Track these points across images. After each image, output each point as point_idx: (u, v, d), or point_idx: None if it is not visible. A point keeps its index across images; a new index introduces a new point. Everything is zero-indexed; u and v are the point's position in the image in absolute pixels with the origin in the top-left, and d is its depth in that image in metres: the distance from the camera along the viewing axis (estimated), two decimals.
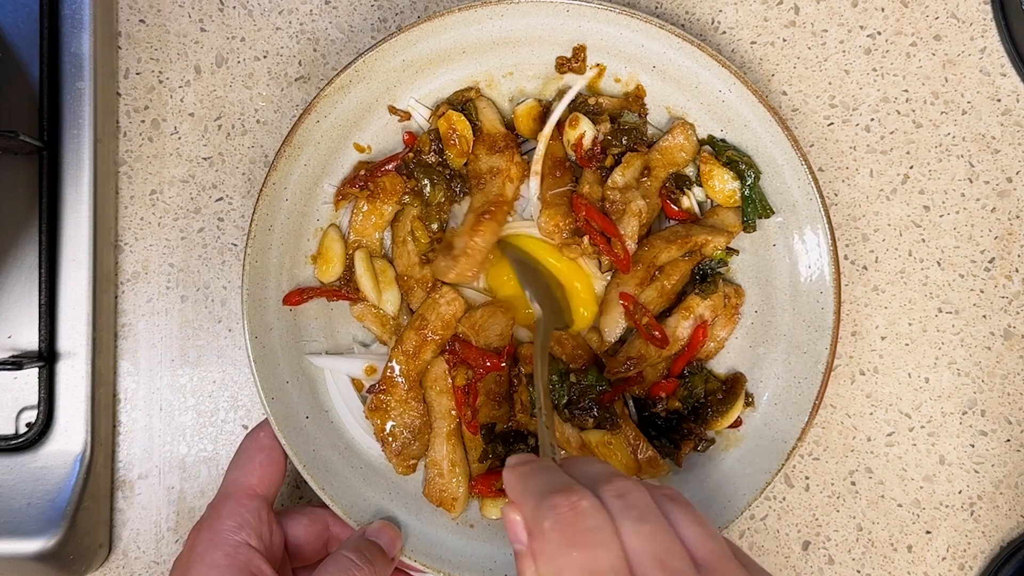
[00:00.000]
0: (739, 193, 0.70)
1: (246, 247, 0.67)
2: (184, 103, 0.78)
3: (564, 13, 0.68)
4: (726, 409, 0.71)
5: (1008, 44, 0.76)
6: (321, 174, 0.71)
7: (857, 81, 0.77)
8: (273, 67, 0.78)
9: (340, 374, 0.72)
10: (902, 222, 0.77)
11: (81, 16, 0.74)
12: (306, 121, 0.68)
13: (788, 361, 0.71)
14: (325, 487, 0.68)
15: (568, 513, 0.48)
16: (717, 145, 0.71)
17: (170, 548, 0.77)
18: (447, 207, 0.72)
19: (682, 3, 0.78)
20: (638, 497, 0.49)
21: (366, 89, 0.70)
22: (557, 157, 0.72)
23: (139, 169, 0.77)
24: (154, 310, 0.77)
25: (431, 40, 0.69)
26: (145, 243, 0.77)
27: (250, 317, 0.67)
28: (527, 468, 0.54)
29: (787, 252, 0.71)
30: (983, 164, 0.77)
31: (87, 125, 0.73)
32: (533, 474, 0.53)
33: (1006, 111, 0.77)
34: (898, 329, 0.77)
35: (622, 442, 0.70)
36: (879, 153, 0.77)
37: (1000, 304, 0.77)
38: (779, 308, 0.71)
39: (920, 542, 0.76)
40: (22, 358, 0.71)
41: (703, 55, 0.67)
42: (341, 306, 0.73)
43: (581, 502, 0.48)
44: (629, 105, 0.72)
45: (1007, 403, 0.77)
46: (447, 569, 0.69)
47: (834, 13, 0.77)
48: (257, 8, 0.78)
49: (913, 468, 0.77)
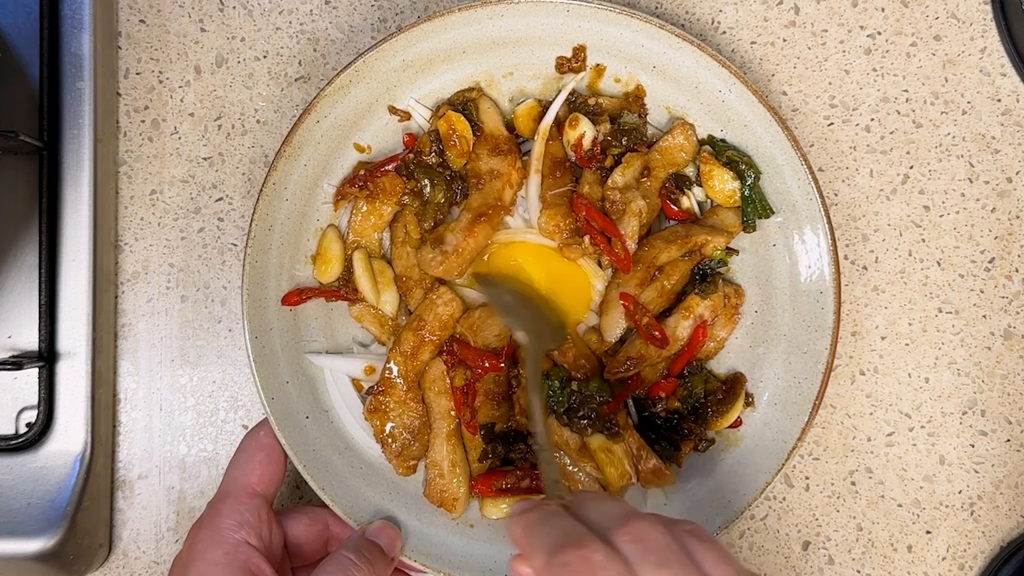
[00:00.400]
0: (739, 193, 0.70)
1: (246, 247, 0.67)
2: (184, 103, 0.78)
3: (564, 13, 0.68)
4: (726, 409, 0.71)
5: (1008, 44, 0.76)
6: (321, 174, 0.71)
7: (857, 81, 0.77)
8: (273, 67, 0.78)
9: (340, 374, 0.72)
10: (902, 222, 0.77)
11: (81, 16, 0.74)
12: (306, 121, 0.68)
13: (788, 361, 0.71)
14: (325, 487, 0.68)
15: (582, 569, 0.45)
16: (717, 145, 0.71)
17: (170, 548, 0.77)
18: (446, 208, 0.72)
19: (682, 3, 0.78)
20: (656, 539, 0.46)
21: (366, 89, 0.70)
22: (557, 157, 0.72)
23: (139, 169, 0.77)
24: (154, 310, 0.77)
25: (431, 40, 0.69)
26: (145, 243, 0.77)
27: (250, 317, 0.67)
28: (533, 517, 0.51)
29: (787, 252, 0.71)
30: (983, 164, 0.77)
31: (87, 125, 0.73)
32: (540, 524, 0.50)
33: (1006, 111, 0.77)
34: (898, 329, 0.77)
35: (622, 450, 0.70)
36: (879, 153, 0.77)
37: (1000, 304, 0.77)
38: (779, 308, 0.71)
39: (920, 542, 0.76)
40: (22, 358, 0.71)
41: (703, 55, 0.67)
42: (341, 306, 0.73)
43: (594, 556, 0.45)
44: (629, 105, 0.72)
45: (1007, 403, 0.77)
46: (447, 569, 0.69)
47: (834, 13, 0.77)
48: (257, 8, 0.78)
49: (913, 468, 0.77)
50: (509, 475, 0.71)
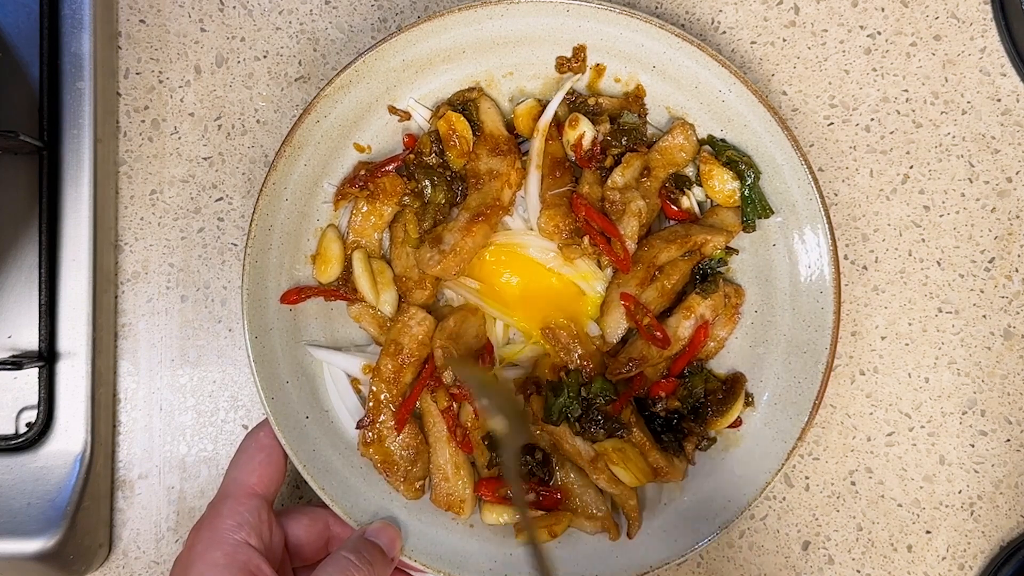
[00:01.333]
0: (739, 193, 0.70)
1: (246, 247, 0.67)
2: (184, 103, 0.78)
3: (564, 13, 0.68)
4: (726, 409, 0.71)
5: (1008, 44, 0.76)
6: (321, 174, 0.71)
7: (857, 81, 0.77)
8: (273, 67, 0.78)
9: (340, 374, 0.72)
10: (902, 222, 0.77)
11: (81, 16, 0.74)
12: (306, 121, 0.68)
13: (788, 361, 0.71)
14: (325, 487, 0.68)
15: None
16: (717, 145, 0.71)
17: (170, 548, 0.77)
18: (446, 209, 0.72)
19: (682, 3, 0.78)
20: None
21: (366, 89, 0.70)
22: (557, 157, 0.72)
23: (139, 169, 0.77)
24: (154, 310, 0.77)
25: (431, 40, 0.69)
26: (145, 243, 0.77)
27: (250, 317, 0.67)
28: None
29: (787, 252, 0.71)
30: (983, 164, 0.77)
31: (87, 125, 0.73)
32: None
33: (1006, 111, 0.77)
34: (898, 329, 0.77)
35: (635, 450, 0.70)
36: (879, 153, 0.77)
37: (1000, 304, 0.77)
38: (779, 308, 0.71)
39: (920, 542, 0.76)
40: (22, 358, 0.71)
41: (703, 55, 0.67)
42: (340, 307, 0.73)
43: None
44: (629, 105, 0.72)
45: (1007, 403, 0.77)
46: (447, 568, 0.69)
47: (834, 13, 0.77)
48: (257, 8, 0.78)
49: (913, 468, 0.77)
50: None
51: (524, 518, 0.63)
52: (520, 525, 0.70)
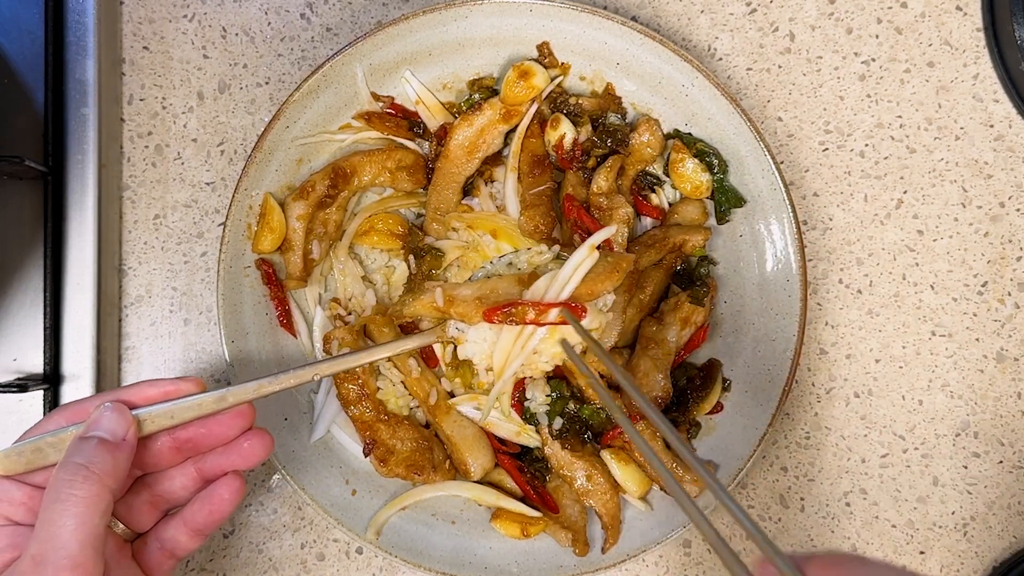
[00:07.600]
0: (714, 183, 0.72)
1: (220, 252, 0.68)
2: (187, 129, 0.79)
3: (527, 12, 0.69)
4: (706, 394, 0.72)
5: (1001, 71, 0.77)
6: (293, 177, 0.73)
7: (852, 107, 0.78)
8: (275, 93, 0.79)
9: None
10: (896, 246, 0.78)
11: (85, 43, 0.75)
12: (275, 127, 0.69)
13: (756, 349, 0.72)
14: (322, 503, 0.70)
15: None
16: (685, 138, 0.73)
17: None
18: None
19: (679, 30, 0.79)
20: None
21: (334, 94, 0.71)
22: (537, 155, 0.73)
23: (143, 194, 0.78)
24: (157, 333, 0.78)
25: (396, 43, 0.70)
26: (149, 267, 0.78)
27: (226, 322, 0.68)
28: None
29: (753, 242, 0.72)
30: (976, 189, 0.78)
31: (91, 150, 0.74)
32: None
33: (999, 137, 0.78)
34: (892, 352, 0.78)
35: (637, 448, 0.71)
36: (873, 178, 0.78)
37: (993, 327, 0.78)
38: (747, 298, 0.73)
39: (914, 563, 0.77)
40: (27, 380, 0.72)
41: (665, 50, 0.69)
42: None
43: None
44: (608, 105, 0.73)
45: (1000, 425, 0.77)
46: (427, 564, 0.70)
47: (829, 40, 0.78)
48: (259, 35, 0.79)
49: (907, 489, 0.77)
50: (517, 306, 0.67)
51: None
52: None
